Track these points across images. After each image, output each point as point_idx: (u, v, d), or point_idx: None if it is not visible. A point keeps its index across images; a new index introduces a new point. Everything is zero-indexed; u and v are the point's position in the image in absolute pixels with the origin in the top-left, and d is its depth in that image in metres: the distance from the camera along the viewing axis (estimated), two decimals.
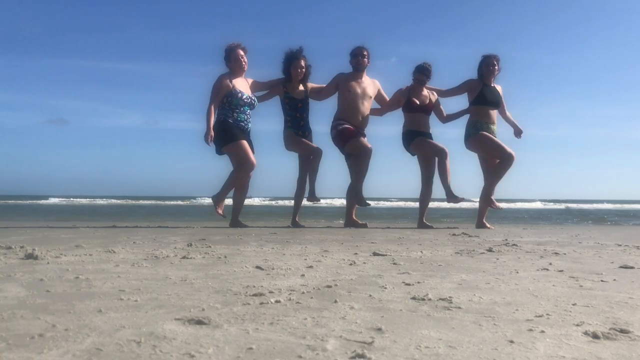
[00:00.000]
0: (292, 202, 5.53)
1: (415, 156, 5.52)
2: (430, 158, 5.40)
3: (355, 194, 5.23)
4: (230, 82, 4.98)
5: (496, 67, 5.40)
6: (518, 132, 5.57)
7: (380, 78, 5.53)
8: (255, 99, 5.09)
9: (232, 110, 4.97)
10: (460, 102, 5.66)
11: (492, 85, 5.44)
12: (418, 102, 5.38)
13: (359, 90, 5.25)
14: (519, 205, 25.91)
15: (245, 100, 4.98)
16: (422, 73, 5.41)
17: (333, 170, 5.56)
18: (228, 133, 4.90)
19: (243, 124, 4.98)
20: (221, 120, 4.94)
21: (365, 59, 5.27)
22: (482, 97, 5.38)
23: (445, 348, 0.99)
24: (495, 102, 5.41)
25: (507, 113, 5.59)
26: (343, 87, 5.29)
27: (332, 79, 5.38)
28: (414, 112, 5.43)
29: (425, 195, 5.51)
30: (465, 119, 5.55)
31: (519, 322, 1.21)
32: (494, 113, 5.43)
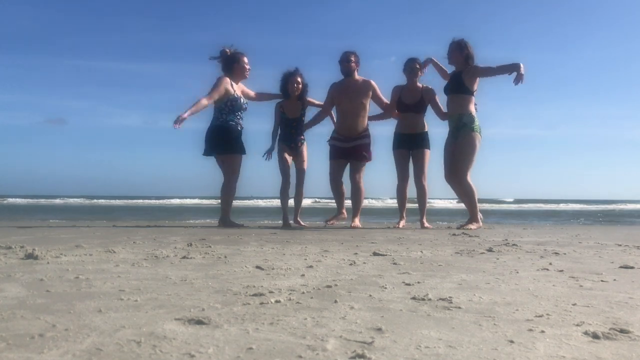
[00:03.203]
0: (293, 202, 5.61)
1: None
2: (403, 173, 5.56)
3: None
4: (232, 86, 5.24)
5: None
6: (517, 77, 4.87)
7: (379, 77, 5.57)
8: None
9: (234, 114, 5.24)
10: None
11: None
12: (405, 102, 5.46)
13: (348, 102, 5.37)
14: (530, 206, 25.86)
15: (244, 105, 5.31)
16: (406, 66, 5.48)
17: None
18: (235, 142, 5.23)
19: (241, 130, 5.33)
20: (225, 127, 5.18)
21: (352, 64, 5.36)
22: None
23: (445, 348, 0.99)
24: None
25: (482, 66, 5.13)
26: (334, 101, 5.49)
27: (327, 94, 5.55)
28: (404, 111, 5.50)
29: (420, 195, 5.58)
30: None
31: (519, 322, 1.21)
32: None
